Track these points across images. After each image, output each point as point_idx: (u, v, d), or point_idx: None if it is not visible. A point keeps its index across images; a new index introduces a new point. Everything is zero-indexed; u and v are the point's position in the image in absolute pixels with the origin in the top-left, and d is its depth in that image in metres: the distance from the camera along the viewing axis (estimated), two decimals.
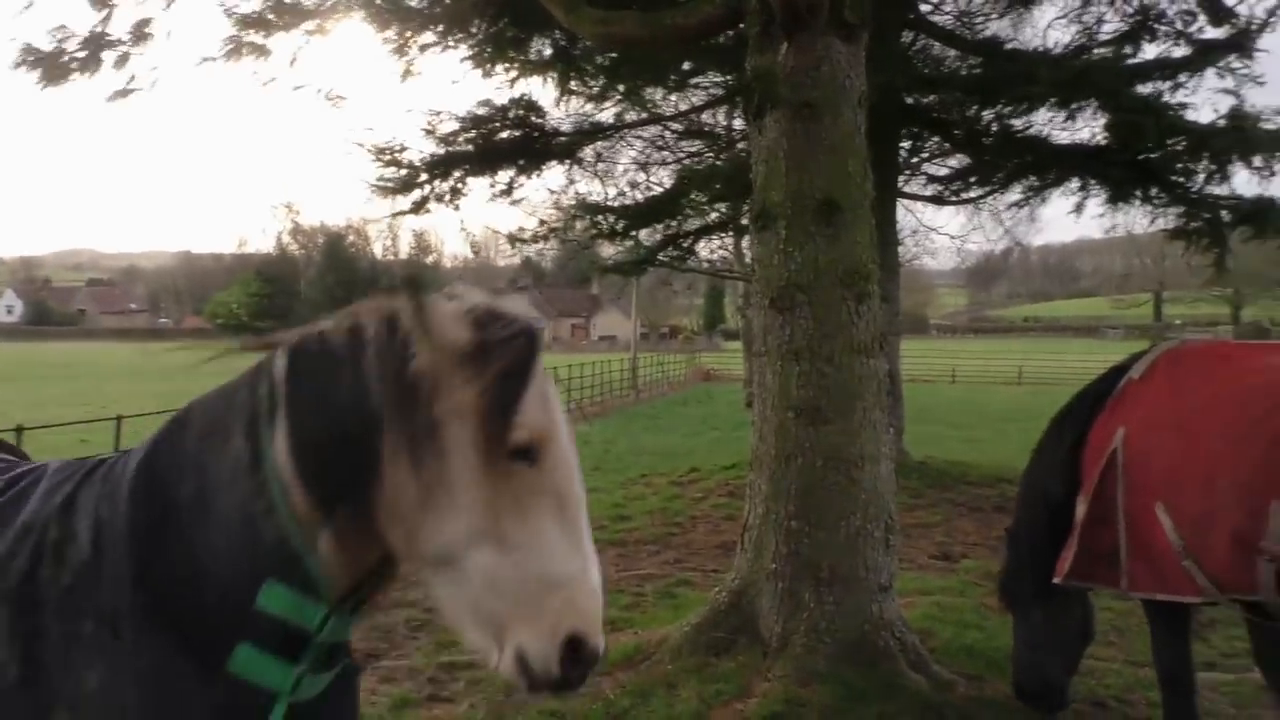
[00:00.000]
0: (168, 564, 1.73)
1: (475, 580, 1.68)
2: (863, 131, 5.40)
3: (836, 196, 5.26)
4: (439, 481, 1.69)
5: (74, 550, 1.77)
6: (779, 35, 5.03)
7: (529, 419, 1.73)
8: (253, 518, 1.73)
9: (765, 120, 5.35)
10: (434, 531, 1.69)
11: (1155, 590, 4.02)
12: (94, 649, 1.70)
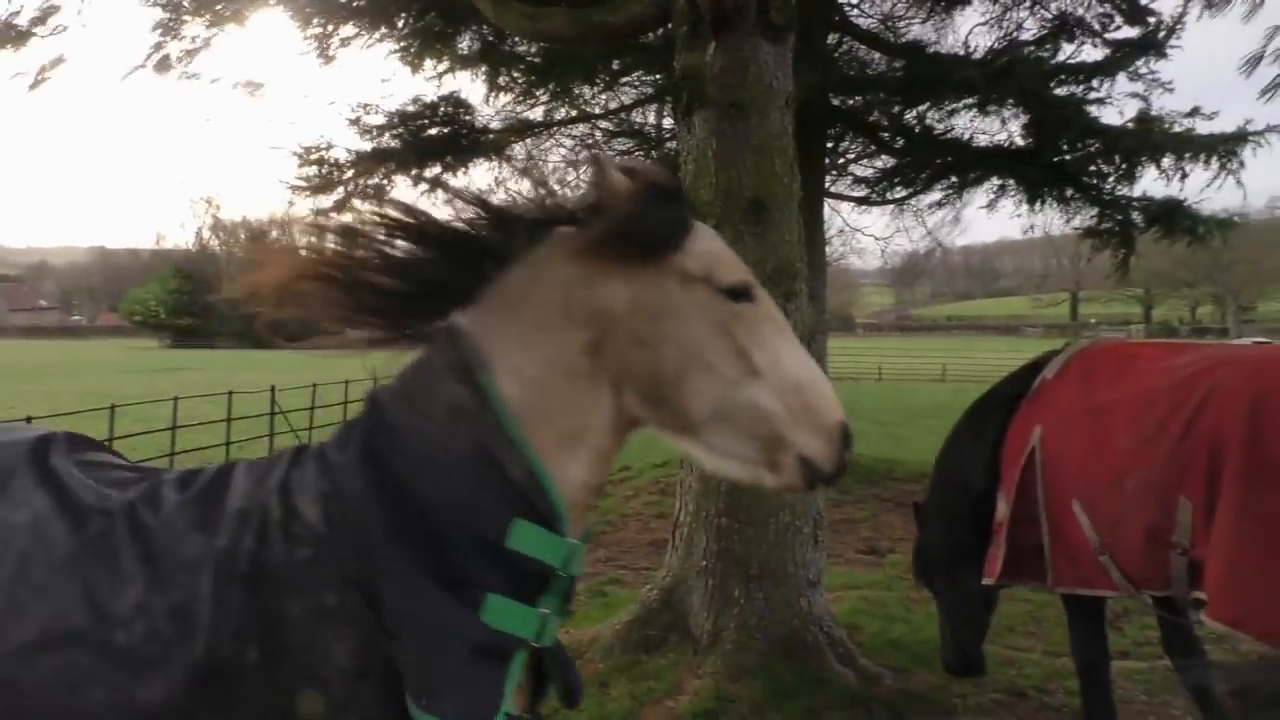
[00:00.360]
0: (411, 521, 1.71)
1: (742, 417, 1.84)
2: (790, 132, 5.45)
3: (764, 196, 5.31)
4: (686, 348, 1.85)
5: (302, 526, 1.75)
6: (707, 35, 5.06)
7: (736, 262, 1.95)
8: (492, 457, 1.76)
9: (694, 120, 5.38)
10: (696, 394, 1.85)
11: (1076, 585, 4.12)
12: (342, 620, 1.68)
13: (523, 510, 1.74)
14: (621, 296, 1.87)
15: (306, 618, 1.67)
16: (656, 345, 1.85)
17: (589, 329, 1.86)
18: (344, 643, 1.66)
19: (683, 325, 1.85)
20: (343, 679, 1.66)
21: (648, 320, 1.85)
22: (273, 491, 1.80)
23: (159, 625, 1.70)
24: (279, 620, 1.67)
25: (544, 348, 1.85)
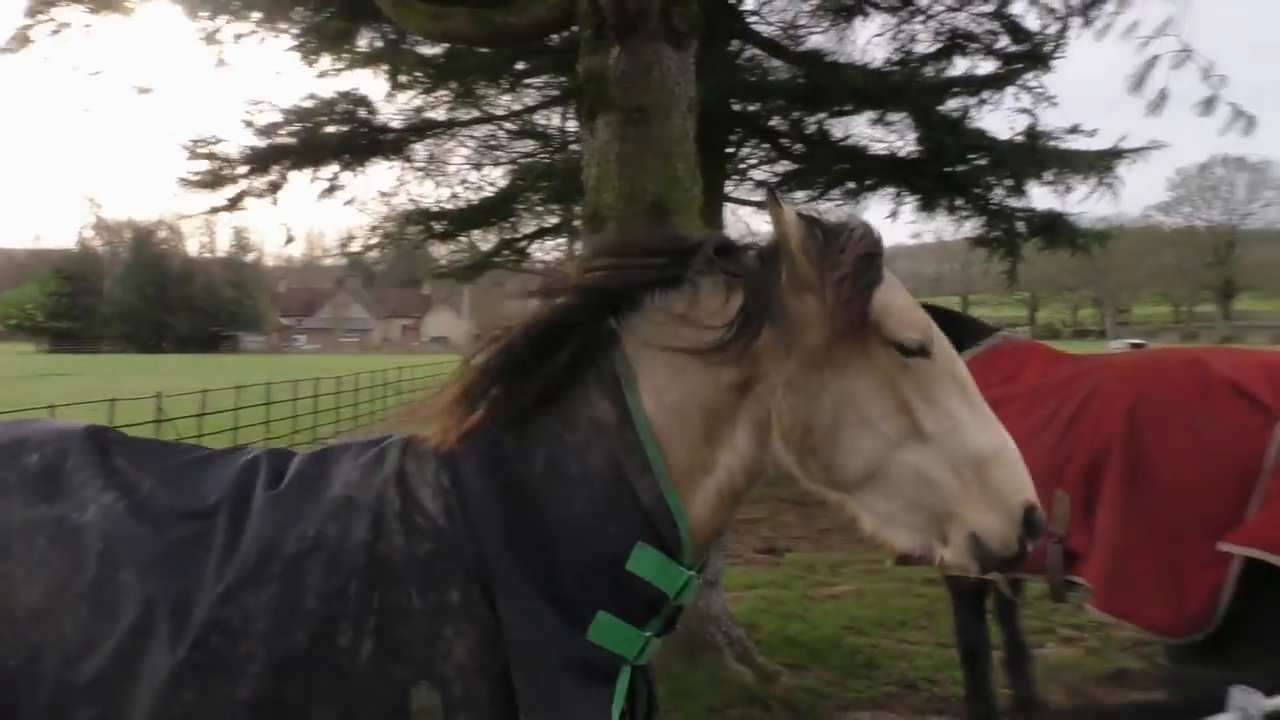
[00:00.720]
0: (524, 532, 1.68)
1: (905, 483, 1.73)
2: (692, 137, 5.52)
3: (666, 200, 5.36)
4: (844, 401, 1.75)
5: (424, 519, 1.71)
6: (610, 39, 5.08)
7: (915, 316, 1.83)
8: (624, 479, 1.73)
9: (597, 123, 5.39)
10: (851, 452, 1.75)
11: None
12: (464, 617, 1.64)
13: (648, 535, 1.72)
14: (784, 340, 1.79)
15: (428, 613, 1.64)
16: (813, 394, 1.77)
17: (741, 369, 1.80)
18: (465, 639, 1.64)
19: (842, 377, 1.76)
20: (461, 676, 1.63)
21: (806, 369, 1.78)
22: (390, 481, 1.76)
23: (253, 622, 1.66)
24: (399, 613, 1.65)
25: (692, 377, 1.80)
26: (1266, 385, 3.25)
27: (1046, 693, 5.56)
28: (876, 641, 6.65)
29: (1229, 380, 3.25)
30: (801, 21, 11.43)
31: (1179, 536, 3.27)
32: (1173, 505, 3.27)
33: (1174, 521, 3.28)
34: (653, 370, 1.79)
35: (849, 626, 6.96)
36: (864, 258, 1.78)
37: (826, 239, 1.80)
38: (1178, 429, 3.30)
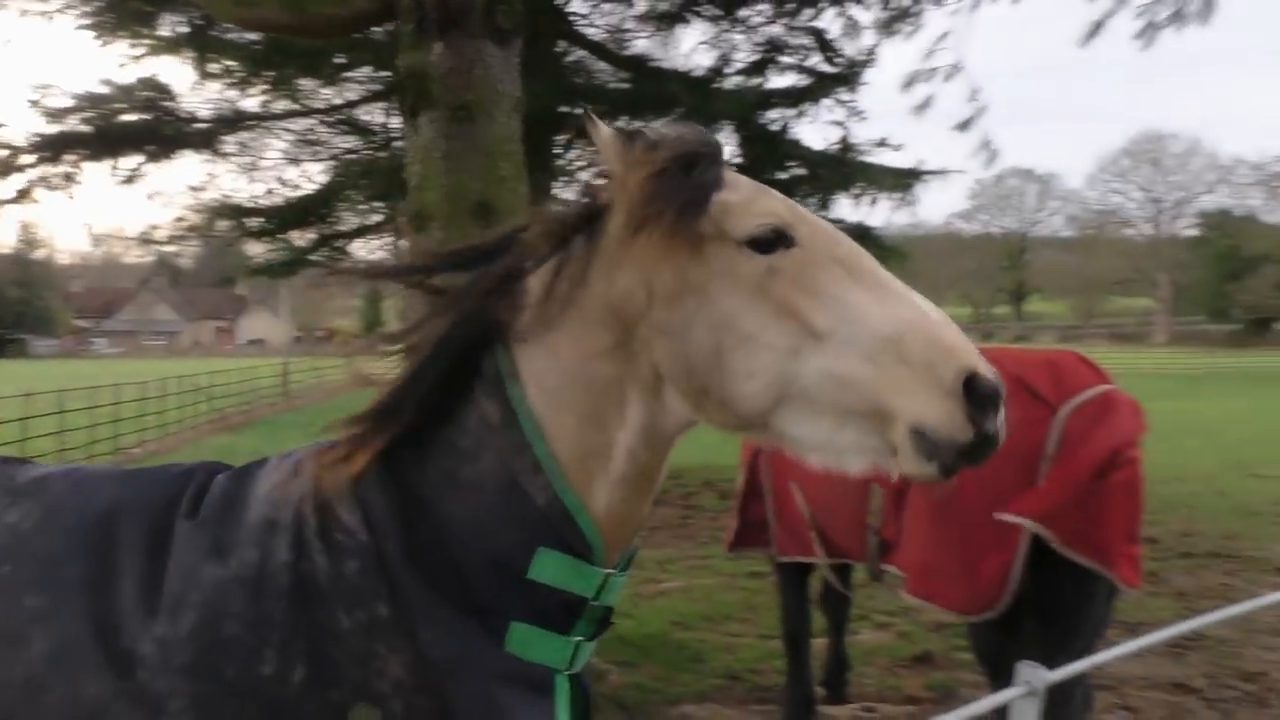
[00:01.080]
0: (425, 544, 1.59)
1: (820, 391, 1.48)
2: (518, 137, 5.49)
3: (492, 200, 5.31)
4: (718, 325, 1.54)
5: (344, 534, 1.61)
6: (432, 34, 4.99)
7: (760, 205, 1.59)
8: (515, 481, 1.60)
9: (420, 120, 5.29)
10: (745, 377, 1.52)
11: (795, 554, 4.67)
12: (396, 632, 1.55)
13: (549, 539, 1.60)
14: (635, 284, 1.61)
15: (358, 631, 1.55)
16: (684, 329, 1.56)
17: (609, 329, 1.64)
18: (400, 655, 1.55)
19: (708, 300, 1.55)
20: (400, 693, 1.55)
21: (668, 304, 1.58)
22: (305, 498, 1.67)
23: (174, 655, 1.57)
24: (329, 635, 1.56)
25: (566, 354, 1.65)
26: (1048, 381, 3.58)
27: (860, 675, 5.86)
28: (703, 636, 6.82)
29: (1016, 376, 3.50)
30: (628, 26, 11.59)
31: (973, 522, 3.55)
32: (967, 493, 3.49)
33: (968, 509, 3.55)
34: (532, 360, 1.66)
35: (676, 622, 7.10)
36: (680, 155, 1.58)
37: (643, 149, 1.61)
38: None
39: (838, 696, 5.50)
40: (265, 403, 34.02)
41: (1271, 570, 8.83)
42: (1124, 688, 5.74)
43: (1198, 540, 10.10)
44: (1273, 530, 10.74)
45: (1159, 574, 8.57)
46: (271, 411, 32.28)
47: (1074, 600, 3.56)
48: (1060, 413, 3.49)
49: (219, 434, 24.53)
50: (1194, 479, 14.90)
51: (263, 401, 33.91)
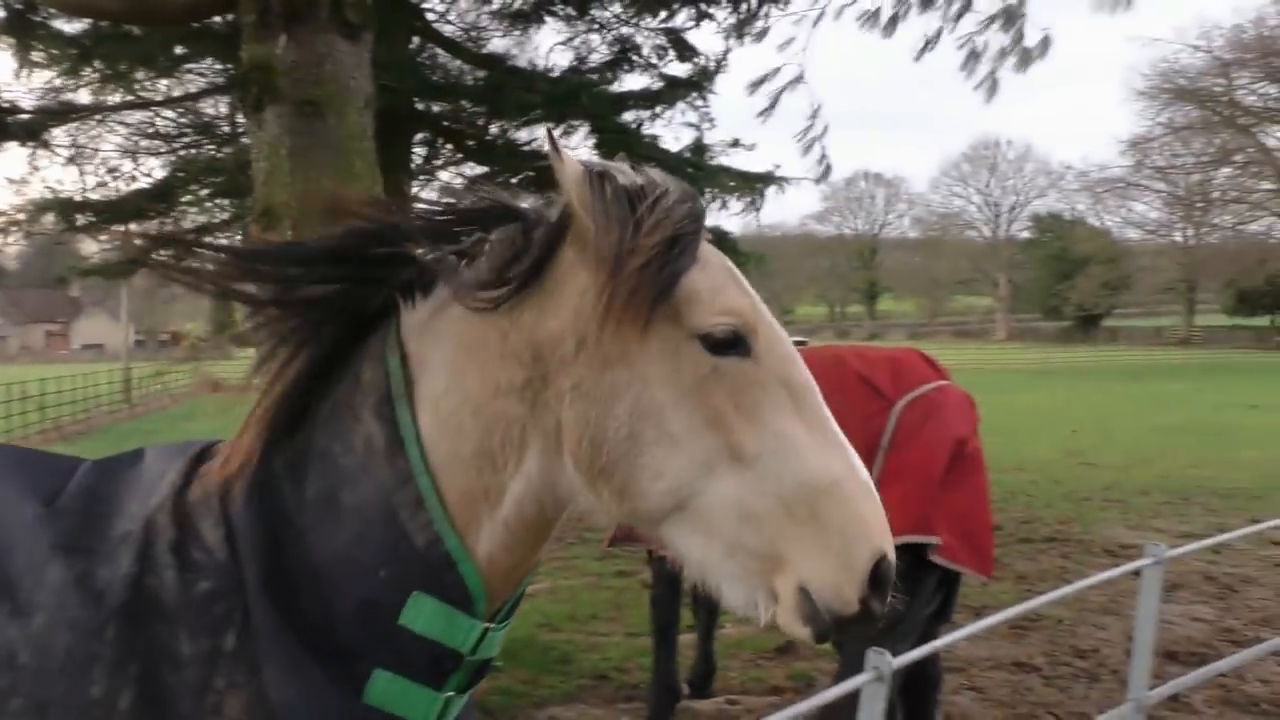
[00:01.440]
0: (290, 572, 1.42)
1: (722, 516, 1.35)
2: (370, 134, 5.34)
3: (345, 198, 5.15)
4: (643, 411, 1.38)
5: (202, 552, 1.45)
6: (276, 27, 4.80)
7: (726, 300, 1.43)
8: (394, 515, 1.43)
9: (265, 115, 5.07)
10: (653, 477, 1.38)
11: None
12: (241, 667, 1.39)
13: (426, 583, 1.43)
14: (568, 332, 1.44)
15: (198, 660, 1.40)
16: (605, 401, 1.41)
17: (523, 366, 1.47)
18: (239, 692, 1.39)
19: (639, 380, 1.40)
20: None
21: (597, 368, 1.42)
22: (163, 507, 1.50)
23: (17, 654, 1.43)
24: (166, 659, 1.40)
25: (471, 380, 1.47)
26: (888, 376, 3.84)
27: (725, 669, 5.96)
28: (570, 636, 6.79)
29: (859, 373, 3.80)
30: (484, 23, 11.45)
31: None
32: None
33: None
34: (431, 379, 1.49)
35: (543, 624, 7.05)
36: (670, 240, 1.41)
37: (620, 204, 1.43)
38: None
39: (703, 695, 5.58)
40: (105, 411, 32.11)
41: (1101, 552, 9.45)
42: (971, 669, 6.03)
43: (1036, 526, 10.71)
44: (1102, 515, 11.49)
45: (1001, 560, 9.02)
46: (112, 420, 30.54)
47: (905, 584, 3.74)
48: (896, 406, 3.71)
49: (53, 445, 22.97)
50: (1032, 468, 15.81)
51: (102, 410, 31.99)
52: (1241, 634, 6.77)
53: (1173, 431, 21.06)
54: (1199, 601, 7.65)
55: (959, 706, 5.41)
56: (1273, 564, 8.86)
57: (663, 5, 9.90)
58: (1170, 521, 11.00)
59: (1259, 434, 20.23)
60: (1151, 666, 3.23)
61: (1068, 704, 5.50)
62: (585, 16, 10.49)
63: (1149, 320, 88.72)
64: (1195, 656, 6.22)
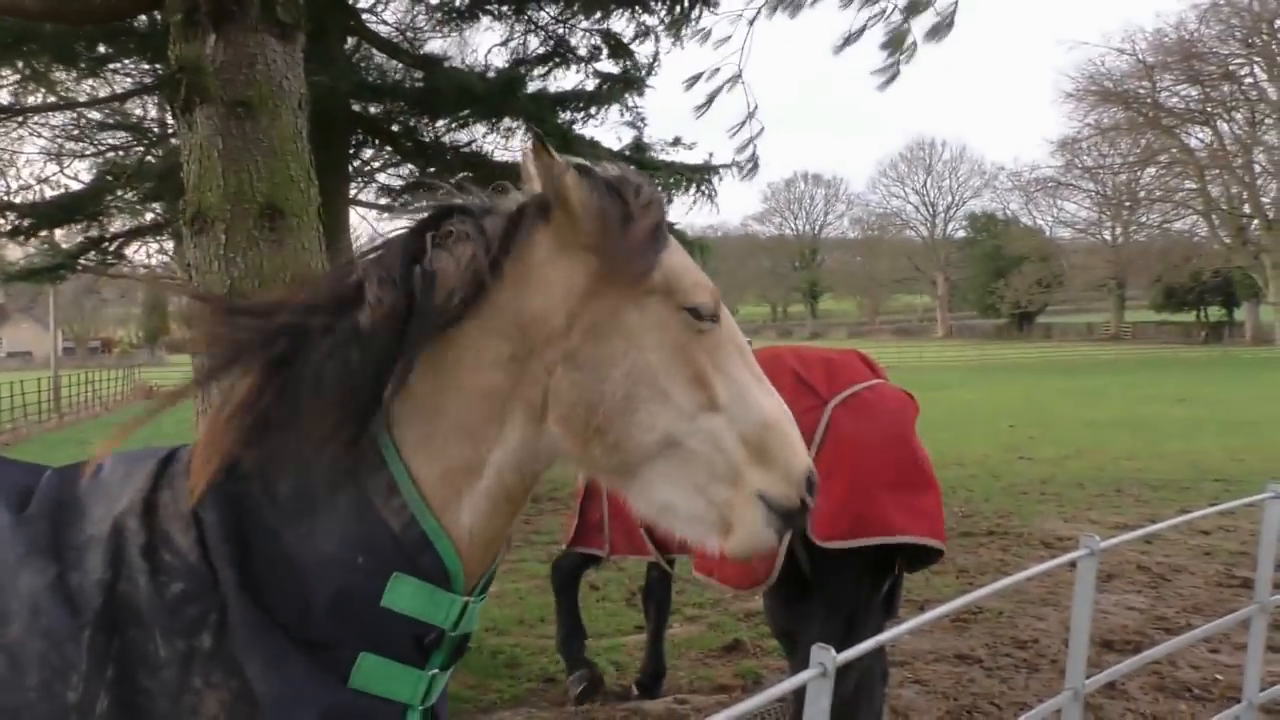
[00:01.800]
0: (266, 570, 1.47)
1: (700, 454, 1.60)
2: (304, 135, 5.25)
3: (279, 201, 5.05)
4: (639, 374, 1.59)
5: (173, 555, 1.48)
6: (205, 26, 4.69)
7: (699, 277, 1.69)
8: (369, 505, 1.50)
9: (196, 116, 4.95)
10: (646, 429, 1.59)
11: (628, 553, 4.95)
12: (218, 666, 1.43)
13: (404, 565, 1.50)
14: (554, 309, 1.60)
15: (175, 661, 1.43)
16: (600, 369, 1.58)
17: (510, 341, 1.59)
18: (217, 691, 1.43)
19: (635, 347, 1.60)
20: None
21: (591, 340, 1.59)
22: (133, 512, 1.53)
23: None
24: (141, 662, 1.43)
25: (450, 358, 1.57)
26: (822, 375, 3.93)
27: (673, 668, 5.96)
28: (517, 640, 6.74)
29: (794, 371, 3.87)
30: (420, 24, 11.34)
31: None
32: None
33: None
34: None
35: (489, 628, 6.98)
36: (655, 225, 1.65)
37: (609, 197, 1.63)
38: None
39: (652, 695, 5.57)
40: (34, 420, 31.15)
41: (1039, 545, 9.65)
42: (915, 663, 6.10)
43: (977, 520, 10.91)
44: (1039, 508, 11.74)
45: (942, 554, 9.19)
46: (41, 429, 29.63)
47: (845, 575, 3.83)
48: (829, 404, 3.77)
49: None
50: (971, 463, 16.11)
51: (31, 419, 31.03)
52: (1174, 622, 6.95)
53: (1105, 425, 21.61)
54: (1133, 591, 7.84)
55: (903, 699, 5.48)
56: (1202, 553, 9.12)
57: (599, 6, 9.89)
58: (1104, 513, 11.27)
59: (1186, 426, 20.85)
60: (1088, 655, 3.29)
61: (1009, 694, 5.60)
62: (522, 16, 10.44)
63: (1081, 317, 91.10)
64: (1130, 645, 6.37)
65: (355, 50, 10.94)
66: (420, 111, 10.78)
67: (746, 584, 3.87)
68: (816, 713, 1.95)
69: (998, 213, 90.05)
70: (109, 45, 9.45)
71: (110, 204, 11.90)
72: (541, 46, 10.82)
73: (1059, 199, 76.37)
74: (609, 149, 10.80)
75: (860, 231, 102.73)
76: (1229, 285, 68.46)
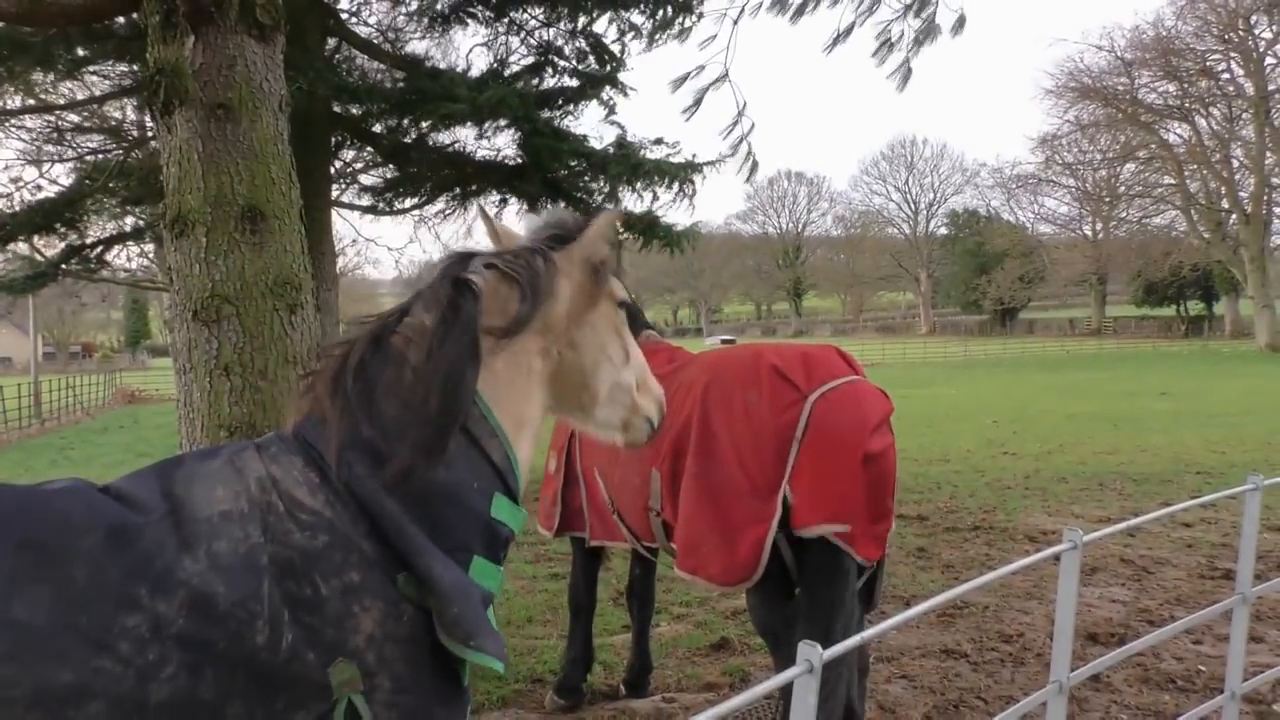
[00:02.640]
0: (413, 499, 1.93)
1: (620, 393, 2.52)
2: (286, 137, 5.22)
3: (260, 204, 5.03)
4: (600, 346, 2.45)
5: (309, 515, 1.88)
6: (183, 28, 4.66)
7: (618, 281, 2.55)
8: (477, 444, 2.09)
9: (175, 118, 4.92)
10: (606, 382, 2.48)
11: (604, 538, 4.86)
12: (367, 594, 1.84)
13: (500, 487, 2.10)
14: (564, 312, 2.37)
15: (335, 597, 1.82)
16: (585, 346, 2.42)
17: (542, 337, 2.33)
18: (370, 613, 1.84)
19: (597, 332, 2.45)
20: (372, 645, 1.84)
21: (579, 328, 2.41)
22: (263, 488, 1.91)
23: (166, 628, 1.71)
24: (309, 604, 1.80)
25: (511, 351, 2.25)
26: (802, 370, 3.93)
27: (660, 667, 5.97)
28: (505, 641, 6.72)
29: (774, 366, 3.90)
30: (401, 25, 11.30)
31: (735, 498, 3.83)
32: (730, 471, 3.83)
33: (731, 485, 3.83)
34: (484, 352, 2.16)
35: None
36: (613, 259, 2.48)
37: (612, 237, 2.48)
38: (735, 408, 3.91)
39: (639, 691, 5.58)
40: (14, 427, 30.88)
41: (1023, 539, 9.70)
42: (901, 658, 6.13)
43: (962, 515, 10.96)
44: (1024, 503, 11.81)
45: (928, 549, 9.22)
46: (22, 435, 29.36)
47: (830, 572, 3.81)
48: (809, 399, 3.77)
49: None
50: (956, 459, 16.17)
51: (11, 425, 30.76)
52: (1157, 614, 7.00)
53: (1087, 419, 21.75)
54: (1116, 584, 7.89)
55: (890, 695, 5.50)
56: (1184, 545, 9.18)
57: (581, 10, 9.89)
58: (1087, 507, 11.34)
59: (1168, 420, 21.02)
60: (1073, 648, 3.31)
61: (995, 688, 5.62)
62: (503, 19, 10.42)
63: (1063, 312, 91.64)
64: (1114, 637, 6.41)
65: (336, 51, 10.88)
66: (400, 113, 10.74)
67: (733, 579, 3.84)
68: (804, 710, 1.96)
69: (979, 209, 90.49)
70: (87, 47, 9.37)
71: (90, 208, 11.81)
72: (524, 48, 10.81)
73: (1040, 195, 76.71)
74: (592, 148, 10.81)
75: (843, 229, 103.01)
76: (1208, 280, 69.06)
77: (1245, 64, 58.14)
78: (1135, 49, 61.39)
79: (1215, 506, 10.38)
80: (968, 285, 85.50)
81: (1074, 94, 64.94)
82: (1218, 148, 60.57)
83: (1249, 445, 16.59)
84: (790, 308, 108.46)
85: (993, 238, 79.82)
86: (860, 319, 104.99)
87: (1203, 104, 60.91)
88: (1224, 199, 60.87)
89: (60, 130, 12.27)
